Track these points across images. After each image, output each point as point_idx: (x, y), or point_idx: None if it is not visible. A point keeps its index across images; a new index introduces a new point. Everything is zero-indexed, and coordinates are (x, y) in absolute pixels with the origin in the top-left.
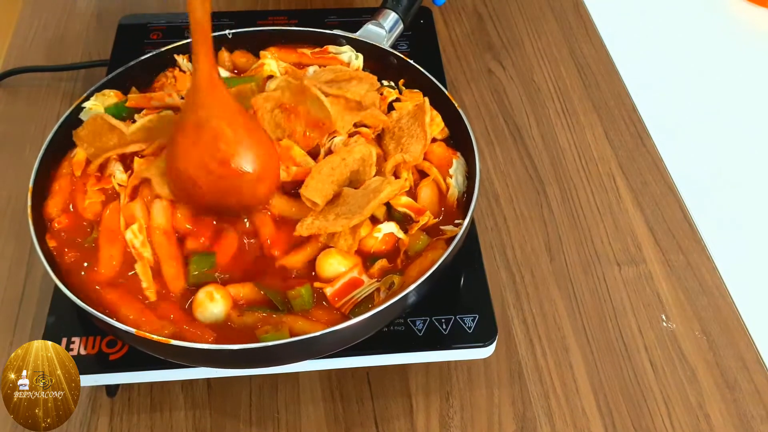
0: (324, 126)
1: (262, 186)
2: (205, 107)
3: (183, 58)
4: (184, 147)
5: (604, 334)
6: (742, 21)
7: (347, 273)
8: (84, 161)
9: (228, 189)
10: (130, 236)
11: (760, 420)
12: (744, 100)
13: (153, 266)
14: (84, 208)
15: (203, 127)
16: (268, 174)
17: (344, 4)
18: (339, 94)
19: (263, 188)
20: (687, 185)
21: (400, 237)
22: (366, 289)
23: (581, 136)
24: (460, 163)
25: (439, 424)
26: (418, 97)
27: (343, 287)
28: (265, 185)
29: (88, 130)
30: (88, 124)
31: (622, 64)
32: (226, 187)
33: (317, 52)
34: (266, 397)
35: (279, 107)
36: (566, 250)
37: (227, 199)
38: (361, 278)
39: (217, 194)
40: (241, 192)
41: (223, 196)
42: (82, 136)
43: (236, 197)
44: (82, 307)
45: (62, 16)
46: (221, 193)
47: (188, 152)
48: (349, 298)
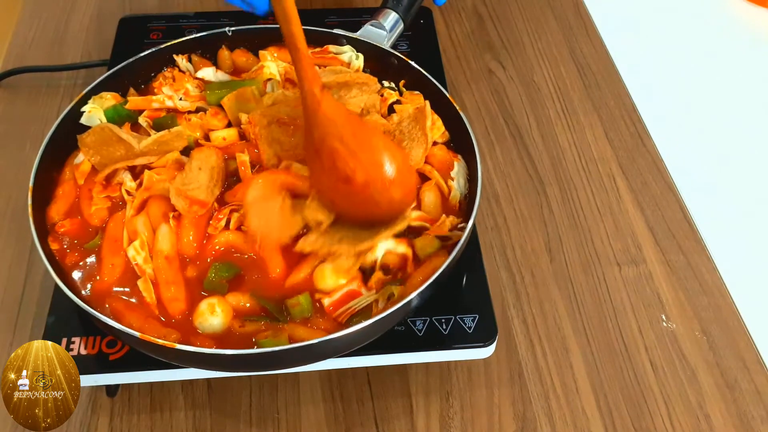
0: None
1: (396, 190)
2: (317, 128)
3: (182, 58)
4: (315, 172)
5: (604, 334)
6: (742, 21)
7: (346, 285)
8: (88, 170)
9: (364, 202)
10: (132, 253)
11: (760, 420)
12: (744, 100)
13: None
14: (90, 214)
15: (320, 149)
16: (398, 177)
17: (344, 4)
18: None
19: (398, 193)
20: (687, 185)
21: (401, 252)
22: (363, 300)
23: (581, 136)
24: (461, 165)
25: (439, 425)
26: (419, 99)
27: (341, 298)
28: (399, 189)
29: (95, 138)
30: (94, 133)
31: (622, 64)
32: (364, 202)
33: (318, 52)
34: (266, 398)
35: (276, 122)
36: (566, 250)
37: (372, 211)
38: (359, 291)
39: (362, 209)
40: (377, 203)
41: (366, 209)
42: (88, 143)
43: (377, 208)
44: (83, 308)
45: (62, 16)
46: (364, 207)
47: (319, 177)
48: (346, 309)
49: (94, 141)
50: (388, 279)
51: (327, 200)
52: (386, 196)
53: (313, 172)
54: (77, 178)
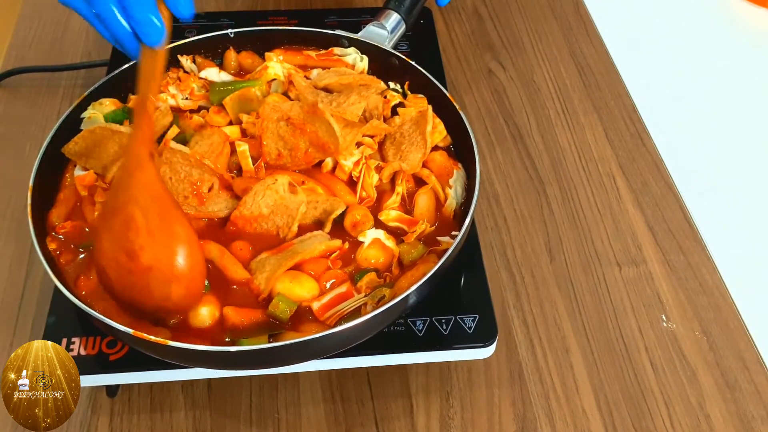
0: (329, 149)
1: (178, 288)
2: (125, 189)
3: (186, 59)
4: (100, 233)
5: (605, 334)
6: (742, 21)
7: (333, 290)
8: (92, 181)
9: (138, 286)
10: None
11: (760, 420)
12: (744, 100)
13: None
14: (94, 219)
15: (118, 211)
16: (185, 276)
17: (344, 4)
18: (337, 114)
19: (179, 291)
20: (687, 185)
21: (388, 245)
22: (352, 303)
23: (581, 136)
24: (461, 174)
25: (440, 425)
26: (423, 102)
27: (330, 301)
28: (181, 288)
29: (84, 145)
30: (82, 139)
31: (622, 64)
32: (137, 285)
33: (322, 54)
34: (266, 398)
35: (285, 120)
36: (566, 250)
37: (141, 298)
38: (350, 293)
39: (129, 291)
40: (151, 292)
41: (136, 294)
42: (78, 152)
43: (148, 297)
44: (81, 308)
45: (62, 16)
46: (132, 290)
47: (102, 239)
48: (334, 311)
49: (85, 146)
50: (379, 282)
51: (99, 266)
52: (164, 290)
53: (97, 229)
54: (80, 190)
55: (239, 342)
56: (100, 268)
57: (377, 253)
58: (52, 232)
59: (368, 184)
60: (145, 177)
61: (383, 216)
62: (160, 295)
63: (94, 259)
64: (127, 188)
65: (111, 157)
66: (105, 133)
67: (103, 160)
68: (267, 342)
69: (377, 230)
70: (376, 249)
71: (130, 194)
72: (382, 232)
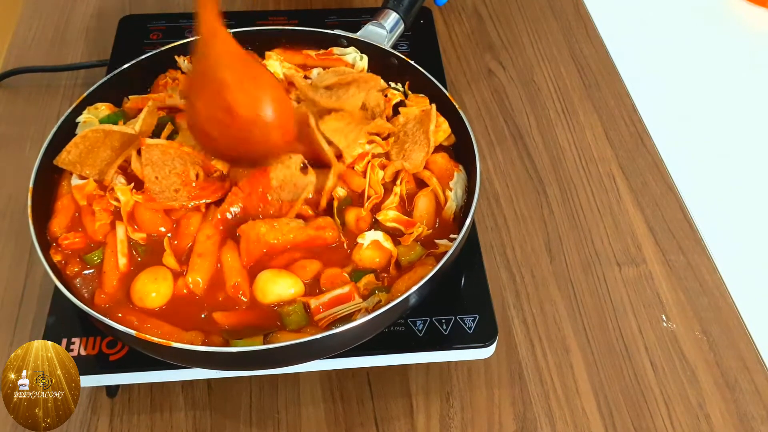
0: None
1: (275, 132)
2: (208, 57)
3: (184, 59)
4: (196, 99)
5: (605, 334)
6: (742, 21)
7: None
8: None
9: (241, 137)
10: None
11: (760, 420)
12: (744, 100)
13: None
14: (95, 230)
15: (208, 77)
16: (278, 119)
17: (344, 4)
18: (337, 107)
19: (276, 134)
20: (687, 185)
21: (386, 246)
22: (348, 307)
23: (581, 136)
24: (461, 176)
25: (440, 425)
26: (424, 102)
27: (330, 301)
28: (278, 130)
29: (78, 152)
30: (75, 146)
31: (622, 64)
32: (239, 136)
33: (322, 54)
34: (266, 398)
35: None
36: (566, 250)
37: (245, 148)
38: (351, 295)
39: (234, 143)
40: (254, 139)
41: (240, 145)
42: (72, 161)
43: (252, 145)
44: (81, 308)
45: (62, 16)
46: (236, 142)
47: (197, 104)
48: (328, 314)
49: (78, 153)
50: (377, 285)
51: (201, 130)
52: (264, 135)
53: (192, 98)
54: (79, 200)
55: (232, 343)
56: (199, 129)
57: (375, 253)
58: (54, 244)
59: (375, 181)
60: (222, 41)
61: (381, 216)
62: (262, 141)
63: (193, 122)
64: (209, 55)
65: (106, 161)
66: (97, 136)
67: (98, 165)
68: (261, 343)
69: (376, 232)
70: (374, 250)
71: (213, 59)
72: (381, 233)
